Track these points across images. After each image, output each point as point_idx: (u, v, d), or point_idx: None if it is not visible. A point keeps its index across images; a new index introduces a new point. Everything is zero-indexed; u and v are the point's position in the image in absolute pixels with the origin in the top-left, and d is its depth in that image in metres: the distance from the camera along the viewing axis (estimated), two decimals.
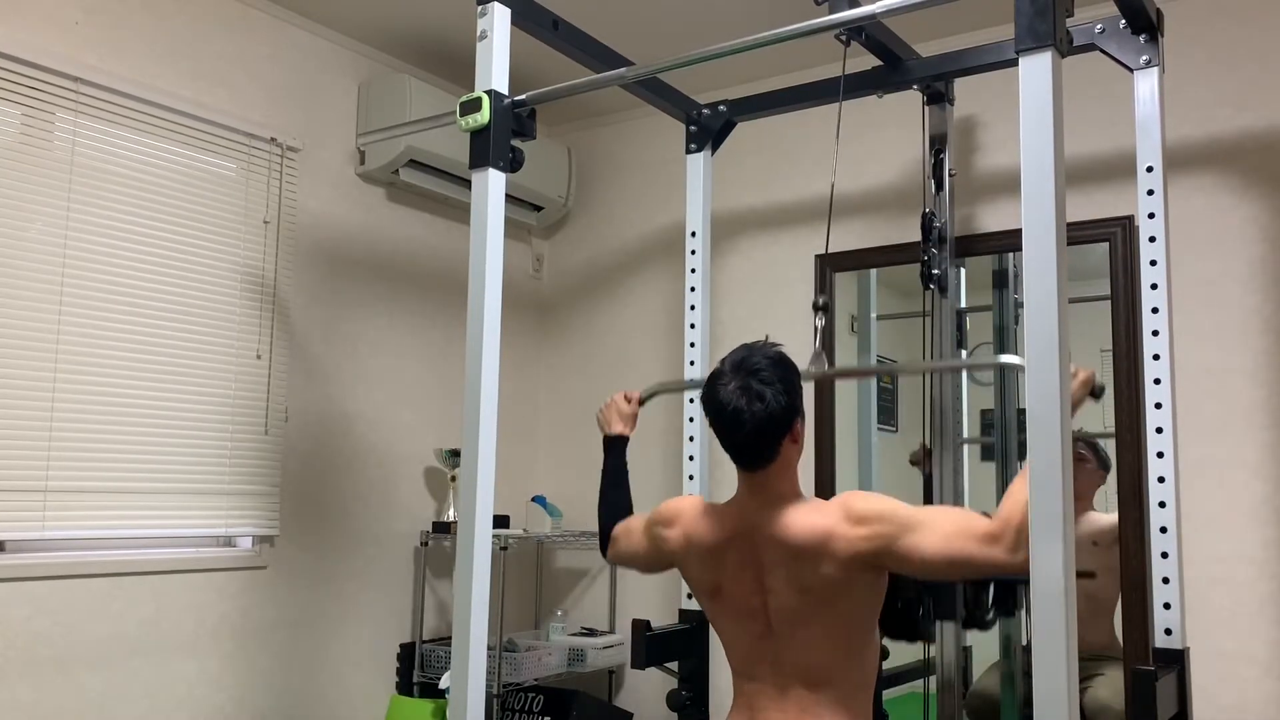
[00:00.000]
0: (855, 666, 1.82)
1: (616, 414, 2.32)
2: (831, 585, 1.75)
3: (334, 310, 3.31)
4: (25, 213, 2.55)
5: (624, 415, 2.32)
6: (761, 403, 1.76)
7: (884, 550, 1.72)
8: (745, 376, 1.78)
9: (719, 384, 1.80)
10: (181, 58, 2.92)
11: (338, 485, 3.28)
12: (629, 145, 3.98)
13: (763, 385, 1.76)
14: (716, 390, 1.80)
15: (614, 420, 2.32)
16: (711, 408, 1.82)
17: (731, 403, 1.77)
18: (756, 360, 1.80)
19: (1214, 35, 2.82)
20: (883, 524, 1.72)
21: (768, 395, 1.76)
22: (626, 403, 2.34)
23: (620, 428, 2.31)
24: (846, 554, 1.73)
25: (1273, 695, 2.59)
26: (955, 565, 1.69)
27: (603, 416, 2.34)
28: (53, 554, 2.59)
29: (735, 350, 1.85)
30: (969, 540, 1.68)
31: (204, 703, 2.87)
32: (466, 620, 2.00)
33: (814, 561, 1.76)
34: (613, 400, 2.35)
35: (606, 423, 2.33)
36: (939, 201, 2.62)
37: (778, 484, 1.83)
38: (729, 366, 1.82)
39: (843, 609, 1.78)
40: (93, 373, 2.66)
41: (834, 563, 1.74)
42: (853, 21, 1.95)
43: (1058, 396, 1.50)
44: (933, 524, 1.71)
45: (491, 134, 2.11)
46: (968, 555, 1.67)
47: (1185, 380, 2.75)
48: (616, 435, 2.30)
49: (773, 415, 1.76)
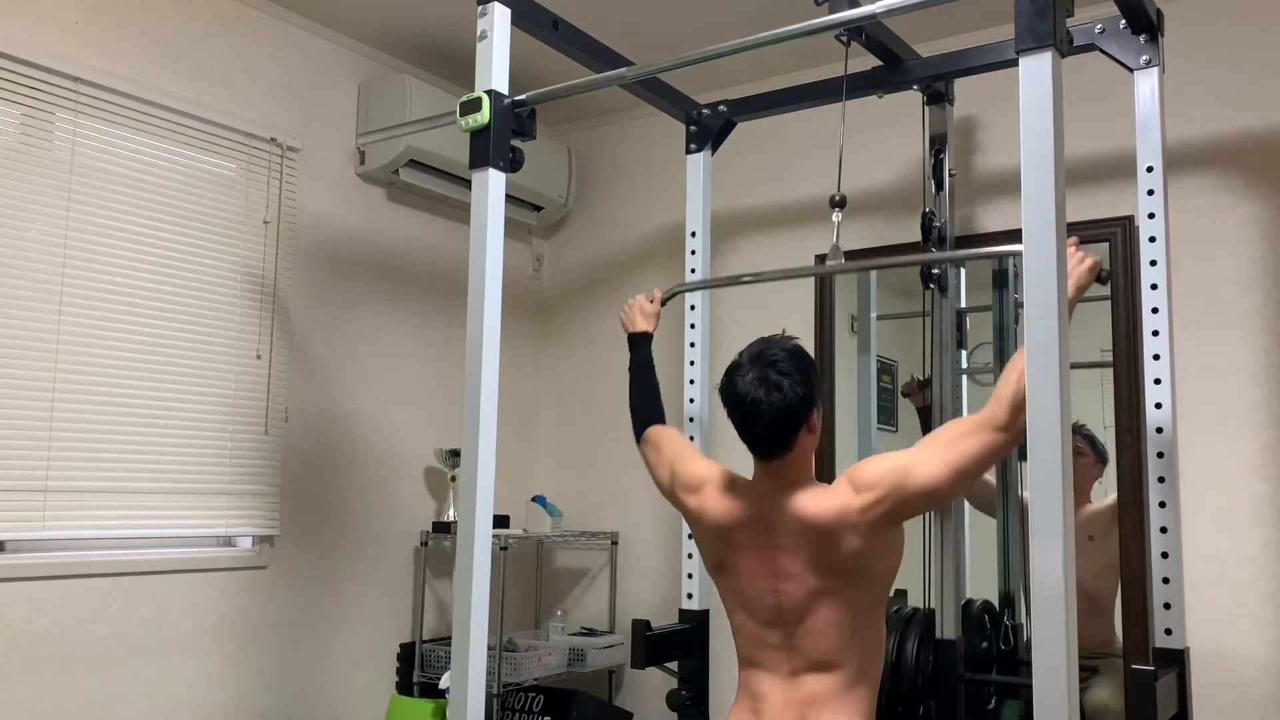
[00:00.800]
0: (862, 653, 1.83)
1: (640, 312, 2.43)
2: (857, 558, 1.78)
3: (334, 310, 3.31)
4: (25, 213, 2.55)
5: (647, 314, 2.43)
6: (779, 393, 1.79)
7: (899, 502, 1.76)
8: (763, 368, 1.81)
9: (737, 375, 1.84)
10: (181, 58, 2.92)
11: (338, 485, 3.28)
12: (629, 145, 3.98)
13: (780, 376, 1.80)
14: (735, 381, 1.83)
15: (637, 318, 2.42)
16: (730, 398, 1.85)
17: (749, 393, 1.80)
18: (774, 352, 1.83)
19: (1214, 35, 2.82)
20: (888, 479, 1.77)
21: (785, 386, 1.79)
22: (650, 302, 2.44)
23: (644, 325, 2.41)
24: (866, 522, 1.77)
25: (1273, 695, 2.59)
26: (964, 474, 1.74)
27: (626, 315, 2.44)
28: (53, 554, 2.59)
29: (753, 343, 1.89)
30: (966, 441, 1.74)
31: (204, 703, 2.87)
32: (466, 620, 2.00)
33: (836, 539, 1.79)
34: (636, 300, 2.45)
35: (630, 321, 2.43)
36: (939, 201, 2.62)
37: (794, 472, 1.86)
38: (747, 358, 1.85)
39: (867, 581, 1.81)
40: (93, 373, 2.66)
41: (856, 534, 1.78)
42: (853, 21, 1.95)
43: (1058, 397, 1.50)
44: (929, 451, 1.77)
45: (491, 134, 2.11)
46: (970, 456, 1.72)
47: (1185, 380, 2.75)
48: (641, 332, 2.40)
49: (790, 406, 1.79)
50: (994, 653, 2.63)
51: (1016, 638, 2.73)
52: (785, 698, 1.84)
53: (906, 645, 2.45)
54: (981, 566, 2.89)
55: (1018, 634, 2.75)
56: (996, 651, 2.65)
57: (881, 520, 1.77)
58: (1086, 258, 1.82)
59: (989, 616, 2.66)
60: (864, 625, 1.83)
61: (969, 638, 2.52)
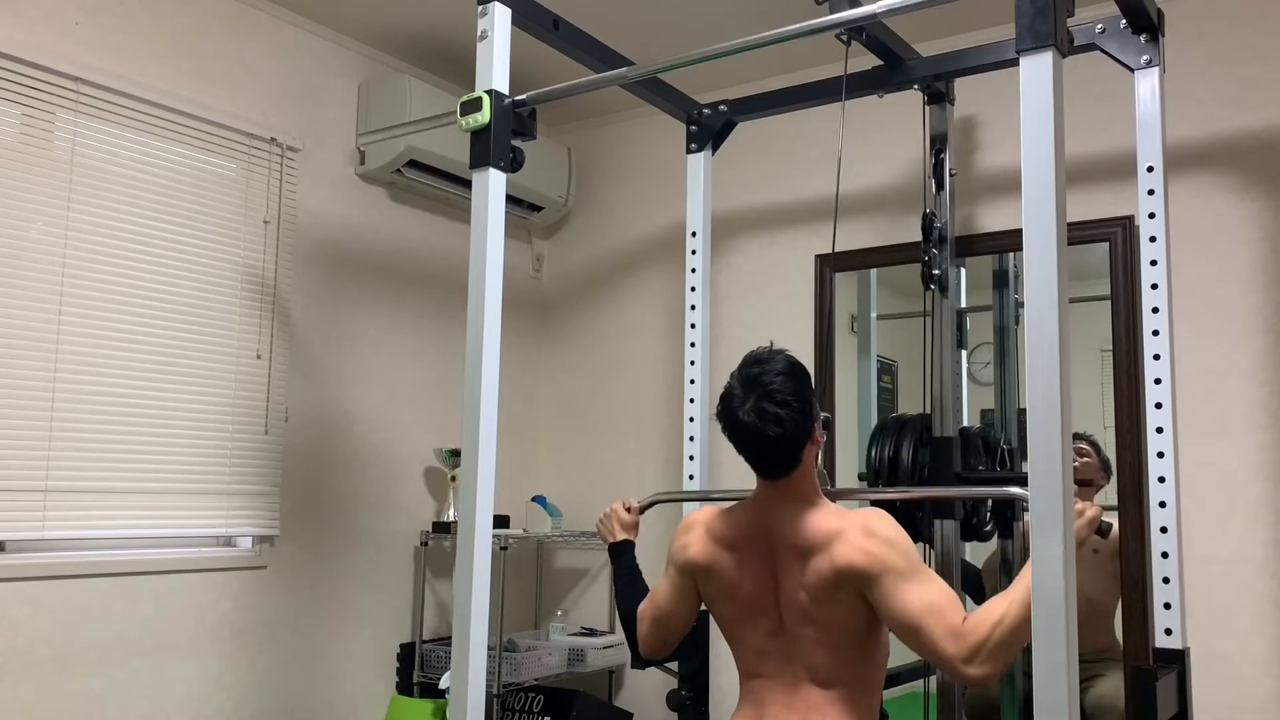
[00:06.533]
0: (864, 666, 1.83)
1: (618, 523, 2.34)
2: (824, 587, 1.77)
3: (334, 310, 3.31)
4: (25, 213, 2.55)
5: (625, 524, 2.34)
6: (780, 427, 1.76)
7: (876, 574, 1.72)
8: (760, 398, 1.77)
9: (733, 405, 1.80)
10: (181, 58, 2.92)
11: (338, 485, 3.28)
12: (629, 145, 3.98)
13: (778, 408, 1.76)
14: (734, 412, 1.80)
15: (616, 530, 2.33)
16: (728, 428, 1.82)
17: (750, 425, 1.78)
18: (768, 379, 1.79)
19: (1214, 35, 2.82)
20: (889, 550, 1.73)
21: (784, 418, 1.76)
22: (626, 512, 2.35)
23: (624, 535, 2.33)
24: (842, 560, 1.75)
25: (1273, 695, 2.59)
26: (917, 637, 1.69)
27: (604, 527, 2.36)
28: (53, 554, 2.59)
29: (744, 364, 1.84)
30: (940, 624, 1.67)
31: (204, 703, 2.87)
32: (466, 620, 2.00)
33: (815, 560, 1.77)
34: (612, 510, 2.36)
35: (609, 533, 2.34)
36: (939, 201, 2.62)
37: (799, 485, 1.85)
38: (740, 385, 1.81)
39: (838, 613, 1.78)
40: (93, 373, 2.66)
41: (829, 563, 1.76)
42: (853, 21, 1.95)
43: (1058, 397, 1.50)
44: (927, 586, 1.71)
45: (492, 134, 2.11)
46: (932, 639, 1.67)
47: (1185, 380, 2.75)
48: (622, 542, 2.32)
49: (791, 435, 1.78)
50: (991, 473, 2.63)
51: (1013, 460, 2.71)
52: (788, 704, 1.83)
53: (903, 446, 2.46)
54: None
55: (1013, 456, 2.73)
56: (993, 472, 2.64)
57: (855, 570, 1.73)
58: (1088, 509, 1.79)
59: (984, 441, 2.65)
60: (866, 640, 1.81)
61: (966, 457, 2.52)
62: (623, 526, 2.33)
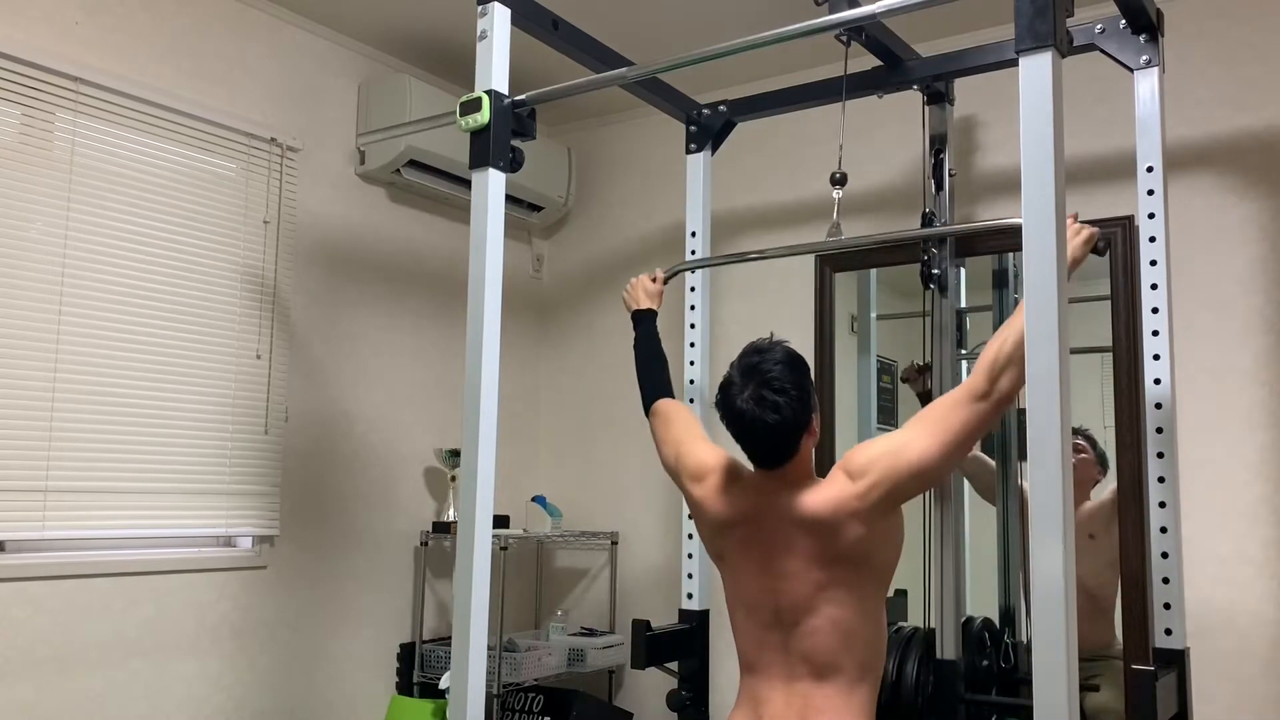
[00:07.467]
0: (862, 653, 1.83)
1: (643, 291, 2.46)
2: (860, 546, 1.79)
3: (334, 310, 3.31)
4: (25, 213, 2.55)
5: (650, 293, 2.46)
6: (778, 414, 1.78)
7: (894, 484, 1.76)
8: (758, 387, 1.79)
9: (732, 393, 1.82)
10: (181, 58, 2.92)
11: (338, 485, 3.28)
12: (629, 145, 3.98)
13: (776, 395, 1.78)
14: (732, 400, 1.82)
15: (641, 297, 2.45)
16: (727, 417, 1.84)
17: (748, 413, 1.80)
18: (767, 366, 1.81)
19: (1214, 35, 2.82)
20: (881, 462, 1.77)
21: (782, 405, 1.78)
22: (652, 282, 2.47)
23: (647, 303, 2.44)
24: (865, 508, 1.77)
25: (1273, 696, 2.59)
26: (954, 448, 1.74)
27: (629, 295, 2.47)
28: (53, 554, 2.59)
29: (744, 354, 1.86)
30: (952, 416, 1.74)
31: (204, 703, 2.87)
32: (466, 620, 2.00)
33: (838, 529, 1.79)
34: (638, 280, 2.48)
35: (634, 300, 2.46)
36: (939, 201, 2.61)
37: (794, 472, 1.87)
38: (739, 374, 1.83)
39: (869, 572, 1.81)
40: (93, 373, 2.66)
41: (857, 521, 1.78)
42: (853, 21, 1.95)
43: (1058, 397, 1.50)
44: (918, 430, 1.77)
45: (491, 134, 2.11)
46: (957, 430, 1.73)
47: (1185, 380, 2.75)
48: (644, 310, 2.43)
49: (789, 423, 1.79)
50: (994, 670, 2.62)
51: (1017, 655, 2.72)
52: (786, 701, 1.84)
53: (906, 666, 2.43)
54: (982, 583, 2.89)
55: (1018, 651, 2.73)
56: (997, 670, 2.64)
57: (880, 504, 1.78)
58: (1084, 229, 1.83)
59: (989, 634, 2.65)
60: (864, 623, 1.82)
61: (969, 656, 2.50)
62: (647, 294, 2.45)
